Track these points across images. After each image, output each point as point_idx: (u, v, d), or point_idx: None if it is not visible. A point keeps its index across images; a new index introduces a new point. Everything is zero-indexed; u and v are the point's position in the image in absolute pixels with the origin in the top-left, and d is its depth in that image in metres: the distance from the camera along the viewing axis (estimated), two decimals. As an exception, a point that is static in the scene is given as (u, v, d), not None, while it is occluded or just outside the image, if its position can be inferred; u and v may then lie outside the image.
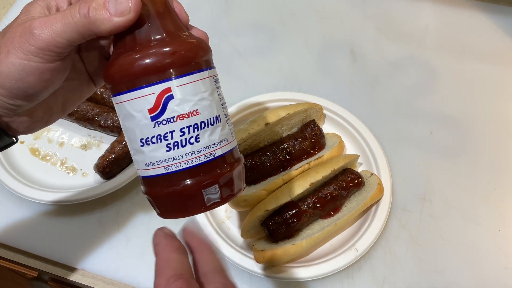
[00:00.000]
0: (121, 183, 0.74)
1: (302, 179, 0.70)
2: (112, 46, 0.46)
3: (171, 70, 0.38)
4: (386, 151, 0.79)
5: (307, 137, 0.76)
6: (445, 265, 0.71)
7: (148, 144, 0.39)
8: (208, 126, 0.39)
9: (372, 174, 0.75)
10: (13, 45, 0.39)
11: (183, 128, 0.38)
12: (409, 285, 0.69)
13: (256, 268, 0.67)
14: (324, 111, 0.83)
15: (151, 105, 0.38)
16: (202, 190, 0.40)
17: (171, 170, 0.39)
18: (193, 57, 0.39)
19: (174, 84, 0.38)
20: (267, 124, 0.74)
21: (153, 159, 0.39)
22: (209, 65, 0.41)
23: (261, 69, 0.94)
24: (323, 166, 0.72)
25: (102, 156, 0.77)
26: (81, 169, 0.80)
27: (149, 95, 0.38)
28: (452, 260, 0.71)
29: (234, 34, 0.99)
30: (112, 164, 0.75)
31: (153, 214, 0.75)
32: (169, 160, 0.39)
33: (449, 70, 0.94)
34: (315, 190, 0.71)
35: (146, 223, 0.74)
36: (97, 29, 0.39)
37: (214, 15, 1.02)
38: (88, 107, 0.81)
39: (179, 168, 0.39)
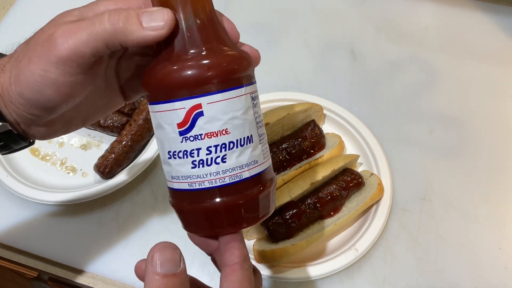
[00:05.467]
0: (121, 183, 0.74)
1: (302, 179, 0.70)
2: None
3: (202, 86, 0.36)
4: (386, 151, 0.79)
5: (307, 137, 0.76)
6: (445, 265, 0.71)
7: (175, 158, 0.38)
8: (237, 147, 0.38)
9: (372, 174, 0.75)
10: (35, 53, 0.37)
11: (210, 146, 0.37)
12: (409, 285, 0.69)
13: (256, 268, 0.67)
14: (324, 111, 0.83)
15: (180, 120, 0.37)
16: (224, 212, 0.39)
17: (194, 188, 0.38)
18: (228, 73, 0.38)
19: (205, 101, 0.36)
20: (267, 124, 0.74)
21: (178, 173, 0.39)
22: (247, 81, 0.40)
23: (261, 69, 0.93)
24: (323, 166, 0.72)
25: (102, 156, 0.77)
26: (81, 169, 0.80)
27: (179, 109, 0.37)
28: (452, 260, 0.71)
29: (234, 34, 0.99)
30: (112, 164, 0.75)
31: (154, 214, 0.75)
32: (193, 177, 0.38)
33: (449, 70, 0.94)
34: (315, 190, 0.71)
35: (146, 223, 0.74)
36: (125, 38, 0.37)
37: (214, 15, 1.02)
38: (88, 107, 0.81)
39: (202, 186, 0.38)
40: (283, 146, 0.74)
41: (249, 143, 0.39)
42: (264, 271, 0.67)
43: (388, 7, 1.04)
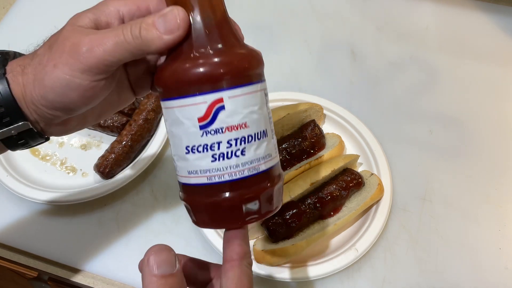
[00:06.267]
0: (121, 183, 0.74)
1: (302, 179, 0.70)
2: (160, 59, 0.46)
3: (225, 80, 0.38)
4: (386, 151, 0.79)
5: (307, 137, 0.76)
6: (445, 265, 0.71)
7: (194, 152, 0.39)
8: (255, 140, 0.39)
9: (372, 174, 0.75)
10: (61, 60, 0.39)
11: (231, 140, 0.38)
12: (409, 285, 0.69)
13: (256, 268, 0.67)
14: (324, 111, 0.83)
15: (201, 114, 0.38)
16: (242, 204, 0.39)
17: (214, 181, 0.39)
18: (248, 69, 0.39)
19: (227, 95, 0.38)
20: (267, 124, 0.74)
21: (196, 168, 0.39)
22: (261, 78, 0.41)
23: (261, 69, 0.94)
24: (323, 166, 0.72)
25: (102, 156, 0.77)
26: (81, 169, 0.80)
27: (200, 103, 0.37)
28: (452, 260, 0.71)
29: (234, 34, 0.99)
30: (112, 164, 0.75)
31: (154, 214, 0.75)
32: (213, 170, 0.39)
33: (449, 70, 0.94)
34: (315, 190, 0.71)
35: (146, 223, 0.74)
36: (149, 48, 0.39)
37: (214, 15, 1.02)
38: (88, 107, 0.81)
39: (222, 180, 0.39)
40: (283, 146, 0.74)
41: (265, 136, 0.40)
42: (264, 271, 0.67)
43: (388, 7, 1.04)
